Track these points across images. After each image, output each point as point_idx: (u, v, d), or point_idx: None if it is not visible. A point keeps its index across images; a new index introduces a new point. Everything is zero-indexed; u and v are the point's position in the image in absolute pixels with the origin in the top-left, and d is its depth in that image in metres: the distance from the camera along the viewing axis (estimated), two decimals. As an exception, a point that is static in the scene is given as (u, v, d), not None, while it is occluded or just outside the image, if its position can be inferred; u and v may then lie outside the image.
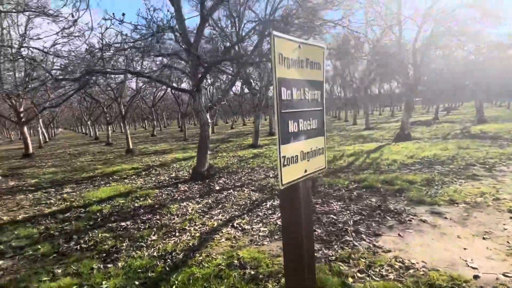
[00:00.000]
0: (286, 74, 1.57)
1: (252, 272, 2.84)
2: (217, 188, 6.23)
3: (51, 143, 25.73)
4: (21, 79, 12.40)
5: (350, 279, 2.65)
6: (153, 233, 4.01)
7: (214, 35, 6.97)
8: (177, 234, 3.94)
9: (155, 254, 3.39)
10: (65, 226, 4.54)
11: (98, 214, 5.01)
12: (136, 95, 17.77)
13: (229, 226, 4.08)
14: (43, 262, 3.43)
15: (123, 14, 4.17)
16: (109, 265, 3.21)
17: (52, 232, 4.34)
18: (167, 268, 3.05)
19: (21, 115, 14.29)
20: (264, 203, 4.96)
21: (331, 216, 4.16)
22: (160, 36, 5.07)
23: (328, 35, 10.90)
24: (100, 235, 4.07)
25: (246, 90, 20.55)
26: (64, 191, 6.93)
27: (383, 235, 3.48)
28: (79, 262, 3.32)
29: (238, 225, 4.08)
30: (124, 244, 3.72)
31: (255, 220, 4.23)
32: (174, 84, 18.37)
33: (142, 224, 4.40)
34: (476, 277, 2.57)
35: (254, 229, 3.94)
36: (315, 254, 3.09)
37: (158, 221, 4.46)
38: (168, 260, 3.21)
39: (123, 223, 4.48)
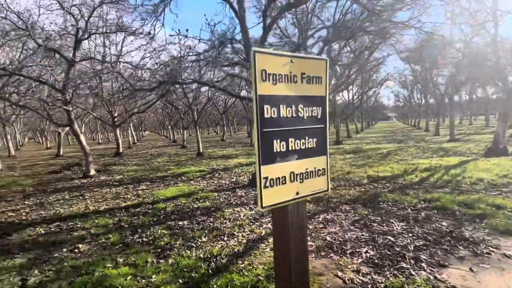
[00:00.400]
0: (270, 91, 1.47)
1: (290, 288, 2.74)
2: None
3: (138, 144, 29.40)
4: (115, 89, 14.50)
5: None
6: (204, 234, 4.21)
7: (276, 44, 7.04)
8: (225, 238, 4.06)
9: (201, 255, 3.55)
10: (134, 220, 5.10)
11: (162, 211, 5.50)
12: (208, 102, 19.06)
13: (276, 236, 4.02)
14: (110, 250, 3.91)
15: (187, 30, 4.55)
16: (161, 260, 3.49)
17: (122, 224, 4.92)
18: (209, 271, 3.16)
19: (115, 119, 16.71)
20: (317, 216, 4.76)
21: (389, 237, 3.75)
22: (222, 48, 5.37)
23: (405, 36, 10.00)
24: (159, 231, 4.46)
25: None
26: (139, 188, 7.82)
27: (449, 267, 2.99)
28: (137, 254, 3.68)
29: (285, 236, 3.99)
30: (177, 243, 3.99)
31: (304, 233, 4.08)
32: (244, 91, 19.17)
33: (196, 225, 4.66)
34: None
35: (301, 242, 3.80)
36: (362, 278, 2.82)
37: (211, 224, 4.67)
38: (212, 263, 3.33)
39: (180, 222, 4.81)
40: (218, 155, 14.76)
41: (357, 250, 3.46)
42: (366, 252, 3.39)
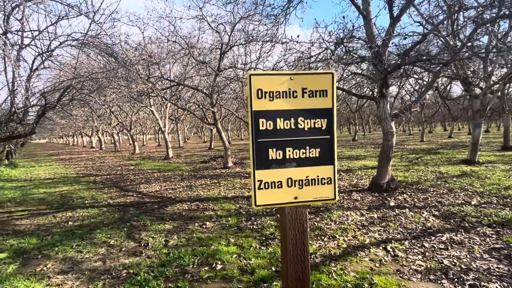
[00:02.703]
0: (266, 107, 1.59)
1: (378, 303, 2.54)
2: (391, 204, 5.64)
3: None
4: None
5: None
6: (306, 232, 4.35)
7: (410, 35, 6.11)
8: (325, 239, 4.07)
9: (297, 250, 3.72)
10: (250, 209, 5.79)
11: (275, 204, 5.97)
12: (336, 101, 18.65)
13: (380, 247, 3.71)
14: (227, 230, 4.63)
15: (298, 36, 4.76)
16: (262, 247, 3.88)
17: (241, 211, 5.68)
18: (301, 266, 3.30)
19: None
20: (440, 234, 4.04)
21: (542, 279, 2.81)
22: (336, 49, 5.28)
23: None
24: (268, 221, 4.91)
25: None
26: (263, 181, 8.66)
27: None
28: (246, 238, 4.22)
29: (391, 249, 3.63)
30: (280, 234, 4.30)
31: (415, 250, 3.59)
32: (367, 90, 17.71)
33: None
34: None
35: (408, 259, 3.37)
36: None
37: (316, 223, 4.74)
38: (305, 260, 3.44)
39: (288, 217, 5.12)
40: (344, 156, 14.32)
41: (482, 284, 2.78)
42: (497, 288, 2.69)
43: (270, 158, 1.71)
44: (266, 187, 1.73)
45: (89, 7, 5.61)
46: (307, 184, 1.81)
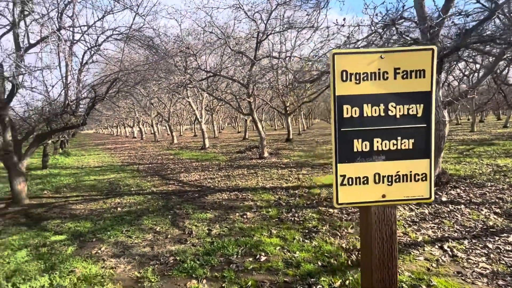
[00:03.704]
0: (351, 91, 1.33)
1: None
2: (443, 199, 5.23)
3: (307, 131, 31.41)
4: (289, 81, 15.99)
5: None
6: (351, 226, 4.17)
7: (471, 12, 5.45)
8: (373, 234, 3.86)
9: (344, 245, 3.57)
10: (290, 200, 5.69)
11: (316, 196, 5.82)
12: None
13: (436, 246, 3.43)
14: (268, 221, 4.59)
15: (344, 19, 4.45)
16: (306, 240, 3.78)
17: (281, 202, 5.60)
18: (349, 262, 3.16)
19: (287, 108, 18.57)
20: (506, 234, 3.65)
21: None
22: (385, 32, 4.88)
23: None
24: (309, 214, 4.78)
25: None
26: (301, 172, 8.50)
27: None
28: (288, 230, 4.15)
29: (449, 249, 3.35)
30: (324, 228, 4.17)
31: (478, 251, 3.27)
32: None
33: (346, 215, 4.66)
34: None
35: (470, 260, 3.08)
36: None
37: (361, 217, 4.53)
38: (353, 256, 3.29)
39: (331, 210, 4.95)
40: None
41: None
42: None
43: (355, 150, 1.51)
44: (350, 183, 1.53)
45: (132, 1, 5.75)
46: (397, 180, 1.58)
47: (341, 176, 1.50)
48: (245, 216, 4.87)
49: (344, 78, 1.42)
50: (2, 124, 5.99)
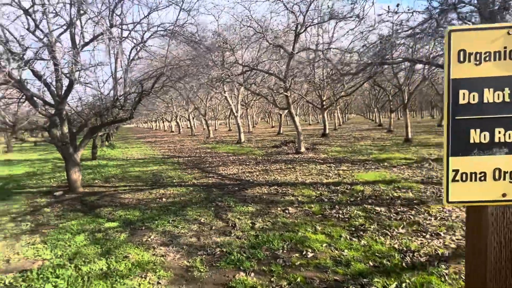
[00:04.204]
0: (470, 73, 1.16)
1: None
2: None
3: (343, 126, 30.48)
4: (326, 74, 15.55)
5: None
6: (402, 226, 3.94)
7: None
8: (427, 236, 3.61)
9: (396, 246, 3.38)
10: (332, 196, 5.53)
11: (359, 193, 5.60)
12: (423, 81, 16.59)
13: (503, 252, 3.12)
14: (311, 217, 4.49)
15: (398, 5, 4.15)
16: (354, 239, 3.64)
17: (323, 198, 5.47)
18: (403, 264, 2.98)
19: (323, 102, 18.10)
20: None
21: None
22: (443, 17, 4.49)
23: None
24: (355, 211, 4.60)
25: None
26: (340, 168, 8.25)
27: None
28: (333, 227, 4.03)
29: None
30: (372, 227, 3.99)
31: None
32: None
33: (394, 214, 4.42)
34: None
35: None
36: None
37: (412, 216, 4.27)
38: (408, 258, 3.10)
39: (377, 208, 4.73)
40: (431, 143, 12.78)
41: None
42: None
43: (472, 141, 1.32)
44: (464, 179, 1.34)
45: (177, -3, 5.89)
46: None
47: (453, 171, 1.32)
48: (287, 211, 4.82)
49: (462, 59, 1.25)
50: (60, 118, 6.48)
